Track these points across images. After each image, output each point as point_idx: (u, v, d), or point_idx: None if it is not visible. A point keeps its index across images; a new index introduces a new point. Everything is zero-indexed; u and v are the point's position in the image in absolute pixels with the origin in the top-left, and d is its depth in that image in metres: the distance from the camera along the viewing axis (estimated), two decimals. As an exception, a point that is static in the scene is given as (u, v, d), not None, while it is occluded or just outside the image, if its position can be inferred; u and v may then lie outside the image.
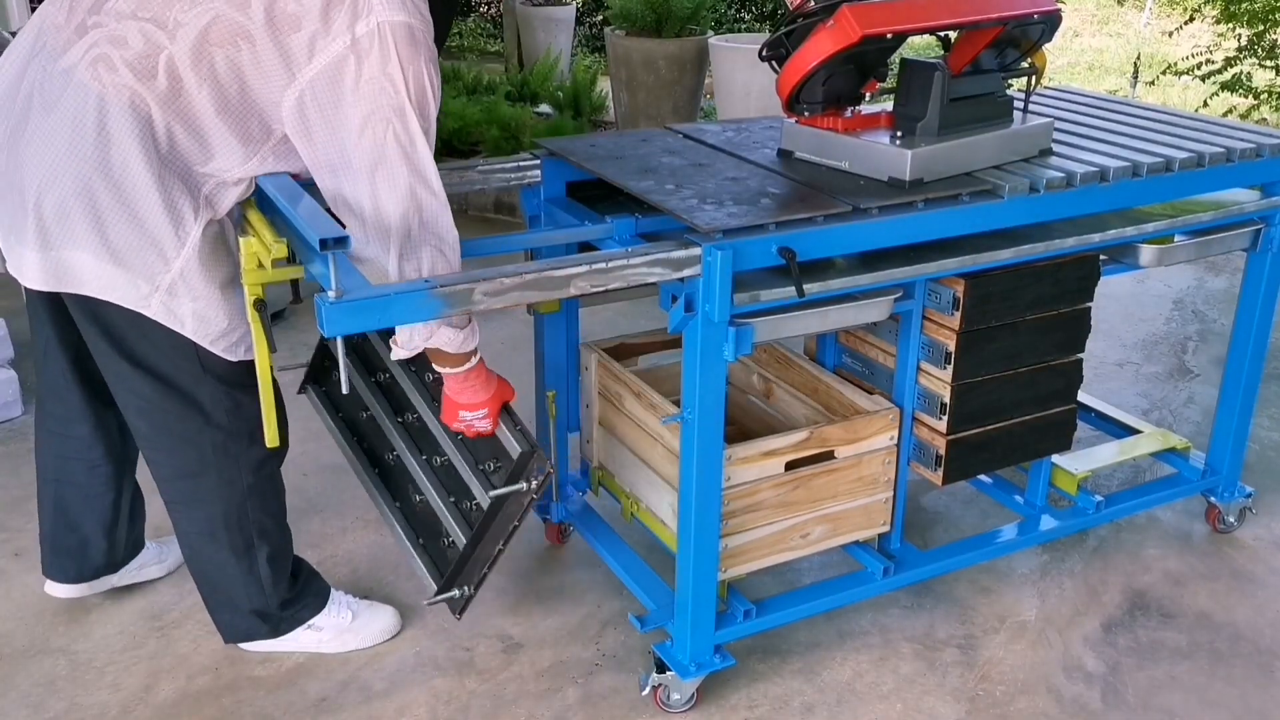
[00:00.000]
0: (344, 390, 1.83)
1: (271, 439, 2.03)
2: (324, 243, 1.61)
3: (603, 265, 1.80)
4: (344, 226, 1.85)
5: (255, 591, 2.25)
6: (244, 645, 2.35)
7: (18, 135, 1.90)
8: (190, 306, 1.95)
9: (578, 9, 9.17)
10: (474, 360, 2.06)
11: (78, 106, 1.83)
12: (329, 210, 1.89)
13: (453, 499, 2.28)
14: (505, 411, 2.17)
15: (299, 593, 2.34)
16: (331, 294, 1.64)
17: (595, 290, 1.82)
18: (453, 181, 2.25)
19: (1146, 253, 2.42)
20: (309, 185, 1.92)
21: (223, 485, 2.14)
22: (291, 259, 1.87)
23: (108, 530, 2.39)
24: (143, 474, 2.30)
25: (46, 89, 1.87)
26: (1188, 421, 3.45)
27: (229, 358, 2.03)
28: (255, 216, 1.94)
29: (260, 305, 1.91)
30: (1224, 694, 2.33)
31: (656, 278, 1.86)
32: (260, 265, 1.87)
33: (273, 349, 1.95)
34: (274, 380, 2.00)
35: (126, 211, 1.87)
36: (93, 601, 2.50)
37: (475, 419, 2.14)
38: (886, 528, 2.41)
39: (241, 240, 1.88)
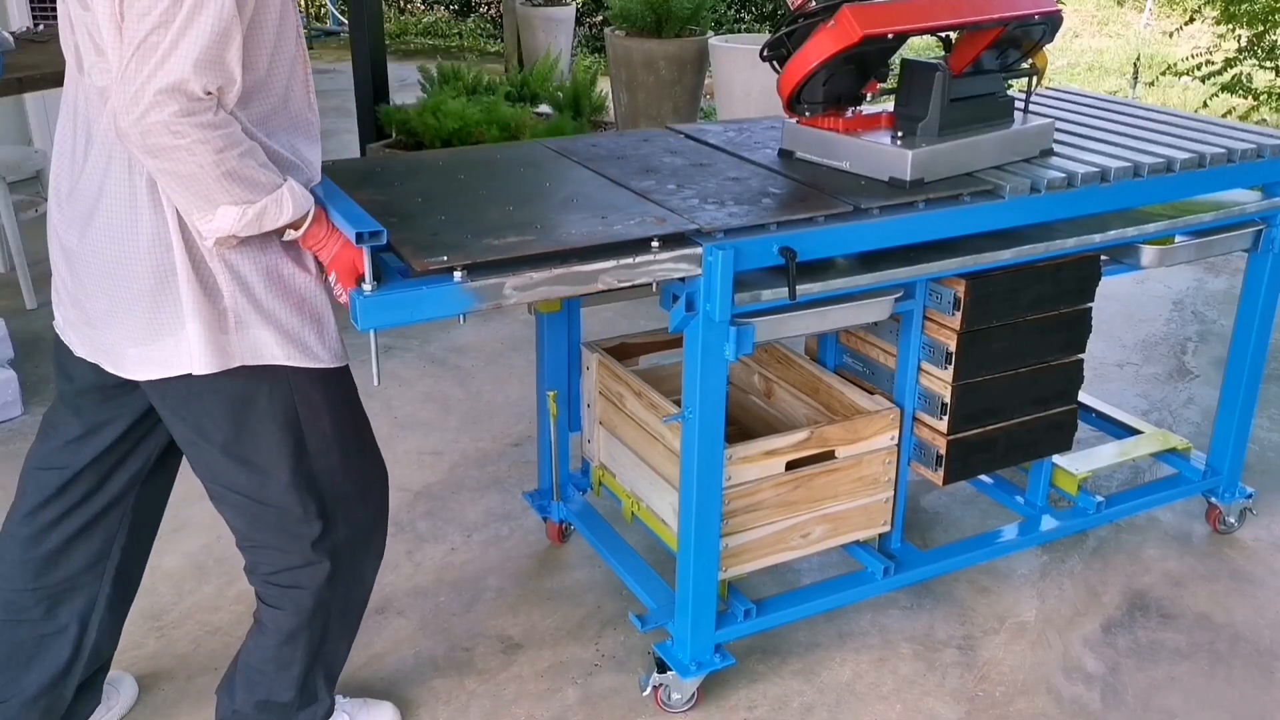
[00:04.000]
0: (375, 383, 1.80)
1: None
2: (359, 236, 1.61)
3: (630, 261, 1.81)
4: None
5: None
6: None
7: None
8: (269, 333, 1.69)
9: (578, 9, 9.18)
10: (303, 228, 1.65)
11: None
12: None
13: None
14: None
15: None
16: (367, 287, 1.64)
17: (622, 285, 1.83)
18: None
19: (1147, 253, 2.42)
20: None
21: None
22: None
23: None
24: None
25: None
26: (1188, 422, 3.45)
27: (338, 362, 1.75)
28: None
29: None
30: (1224, 695, 2.33)
31: (683, 273, 1.87)
32: None
33: None
34: None
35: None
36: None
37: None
38: (886, 528, 2.41)
39: None
